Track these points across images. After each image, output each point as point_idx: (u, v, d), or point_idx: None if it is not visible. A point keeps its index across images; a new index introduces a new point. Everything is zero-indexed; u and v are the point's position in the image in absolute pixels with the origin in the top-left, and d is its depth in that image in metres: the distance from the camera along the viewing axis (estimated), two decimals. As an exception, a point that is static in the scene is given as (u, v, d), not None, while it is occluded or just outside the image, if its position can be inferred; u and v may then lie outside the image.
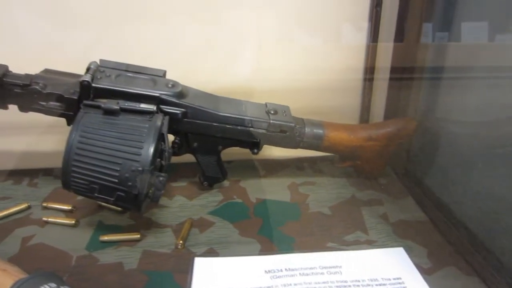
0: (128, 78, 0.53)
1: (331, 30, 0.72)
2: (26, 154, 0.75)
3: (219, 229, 0.58)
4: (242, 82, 0.74)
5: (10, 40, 0.67)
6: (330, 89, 0.74)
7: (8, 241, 0.56)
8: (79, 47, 0.68)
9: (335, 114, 0.70)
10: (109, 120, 0.46)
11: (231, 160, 0.74)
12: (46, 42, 0.67)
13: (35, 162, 0.74)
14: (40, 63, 0.60)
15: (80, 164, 0.44)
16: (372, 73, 0.70)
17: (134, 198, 0.45)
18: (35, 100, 0.51)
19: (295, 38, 0.73)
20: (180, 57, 0.69)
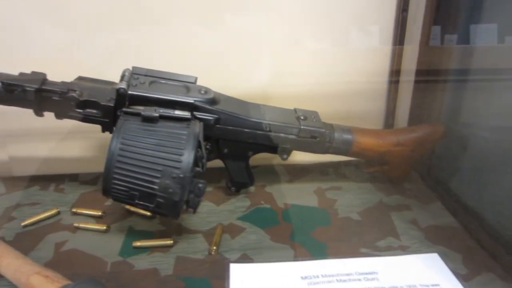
0: (162, 85, 0.53)
1: (356, 34, 0.72)
2: (51, 160, 0.75)
3: (250, 234, 0.58)
4: (263, 87, 0.74)
5: (29, 46, 0.67)
6: (353, 94, 0.75)
7: (41, 247, 0.56)
8: (97, 52, 0.69)
9: (359, 118, 0.71)
10: (148, 127, 0.46)
11: (255, 166, 0.74)
12: (62, 47, 0.67)
13: (60, 168, 0.74)
14: (57, 69, 0.61)
15: (122, 171, 0.44)
16: (397, 76, 0.70)
17: (174, 205, 0.46)
18: (72, 107, 0.51)
19: (318, 42, 0.73)
20: (197, 62, 0.68)
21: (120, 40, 0.68)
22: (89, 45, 0.68)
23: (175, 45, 0.68)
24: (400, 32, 0.67)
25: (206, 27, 0.69)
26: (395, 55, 0.70)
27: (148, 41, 0.68)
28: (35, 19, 0.66)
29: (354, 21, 0.70)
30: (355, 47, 0.72)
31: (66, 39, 0.67)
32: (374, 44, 0.70)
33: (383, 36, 0.70)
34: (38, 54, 0.66)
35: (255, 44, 0.72)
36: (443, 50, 0.68)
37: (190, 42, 0.69)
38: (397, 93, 0.72)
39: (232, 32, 0.70)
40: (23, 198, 0.67)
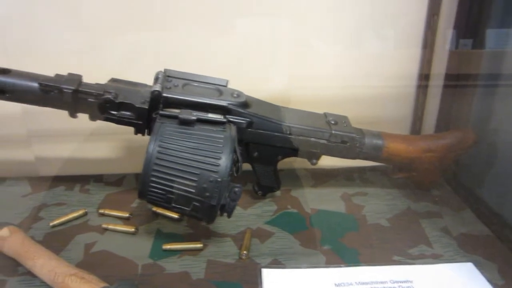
0: (195, 88, 0.53)
1: (384, 37, 0.71)
2: (76, 160, 0.75)
3: (280, 239, 0.58)
4: (286, 91, 0.73)
5: (50, 47, 0.67)
6: (379, 98, 0.74)
7: (71, 248, 0.56)
8: (116, 55, 0.69)
9: (385, 123, 0.70)
10: (185, 130, 0.46)
11: (279, 170, 0.74)
12: (82, 50, 0.67)
13: (85, 168, 0.75)
14: (78, 71, 0.60)
15: (159, 174, 0.44)
16: (426, 81, 0.69)
17: (210, 209, 0.45)
18: (107, 109, 0.51)
19: (345, 45, 0.72)
20: (217, 67, 0.66)
21: (138, 43, 0.68)
22: (109, 47, 0.68)
23: (193, 49, 0.68)
24: (431, 36, 0.67)
25: (225, 31, 0.69)
26: (424, 59, 0.69)
27: (167, 45, 0.68)
28: (57, 20, 0.66)
29: (383, 24, 0.70)
30: (382, 51, 0.71)
31: (86, 41, 0.67)
32: (403, 48, 0.70)
33: (412, 40, 0.69)
34: (59, 56, 0.67)
35: (277, 47, 0.72)
36: (472, 54, 0.67)
37: (208, 46, 0.69)
38: (426, 98, 0.71)
39: (254, 36, 0.70)
40: (49, 198, 0.67)
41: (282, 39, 0.71)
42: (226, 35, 0.69)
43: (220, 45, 0.69)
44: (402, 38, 0.70)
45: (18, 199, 0.68)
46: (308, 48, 0.72)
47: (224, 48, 0.69)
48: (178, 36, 0.68)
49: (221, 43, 0.69)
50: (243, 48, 0.70)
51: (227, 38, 0.69)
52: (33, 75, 0.50)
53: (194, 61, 0.66)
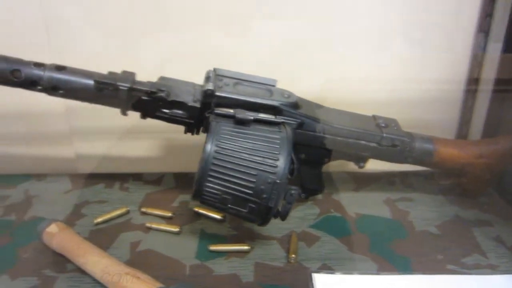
0: (246, 87, 0.52)
1: (431, 39, 0.69)
2: (116, 158, 0.75)
3: (326, 244, 0.56)
4: (329, 92, 0.72)
5: (87, 46, 0.67)
6: (424, 101, 0.72)
7: (117, 246, 0.56)
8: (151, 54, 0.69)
9: (430, 127, 0.67)
10: (241, 130, 0.45)
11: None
12: (115, 50, 0.67)
13: (124, 166, 0.75)
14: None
15: (217, 174, 0.43)
16: (476, 84, 0.67)
17: (266, 211, 0.44)
18: (159, 107, 0.51)
19: (389, 46, 0.71)
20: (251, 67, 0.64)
21: (172, 44, 0.67)
22: (143, 47, 0.68)
23: (225, 49, 0.67)
24: (483, 39, 0.65)
25: (255, 33, 0.68)
26: (474, 62, 0.67)
27: (199, 45, 0.67)
28: (95, 19, 0.66)
29: (431, 26, 0.68)
30: (429, 53, 0.69)
31: (120, 43, 0.67)
32: (452, 50, 0.68)
33: (462, 42, 0.67)
34: (96, 55, 0.67)
35: (318, 46, 0.70)
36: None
37: (239, 47, 0.68)
38: (474, 102, 0.69)
39: (289, 37, 0.68)
40: (91, 196, 0.67)
41: (323, 39, 0.70)
42: (257, 36, 0.68)
43: (250, 46, 0.68)
44: (451, 40, 0.68)
45: (60, 195, 0.68)
46: (351, 50, 0.71)
47: (254, 49, 0.68)
48: (208, 38, 0.67)
49: (252, 44, 0.68)
50: (279, 50, 0.69)
51: (258, 40, 0.68)
52: (87, 72, 0.50)
53: (227, 63, 0.66)
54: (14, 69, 0.47)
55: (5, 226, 0.60)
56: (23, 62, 0.48)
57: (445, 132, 0.73)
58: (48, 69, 0.48)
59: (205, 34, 0.67)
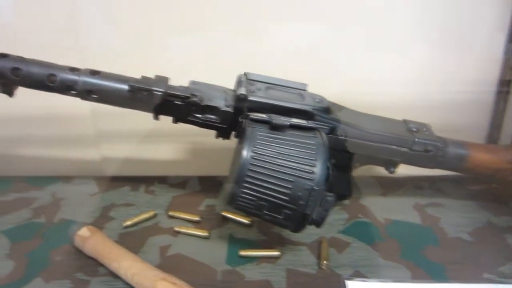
0: (278, 92, 0.52)
1: (461, 39, 0.68)
2: (141, 161, 0.76)
3: (357, 250, 0.56)
4: (354, 95, 0.71)
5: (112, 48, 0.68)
6: (453, 104, 0.71)
7: (146, 250, 0.56)
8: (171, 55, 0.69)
9: (458, 131, 0.66)
10: (277, 135, 0.45)
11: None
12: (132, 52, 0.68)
13: (149, 169, 0.75)
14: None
15: (253, 180, 0.43)
16: (508, 86, 0.65)
17: (302, 218, 0.44)
18: (192, 112, 0.50)
19: (418, 47, 0.69)
20: (275, 65, 0.63)
21: (190, 46, 0.67)
22: (167, 49, 0.68)
23: (245, 51, 0.67)
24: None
25: (276, 34, 0.67)
26: (507, 63, 0.65)
27: (217, 49, 0.67)
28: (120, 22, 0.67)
29: (462, 28, 0.67)
30: (459, 54, 0.68)
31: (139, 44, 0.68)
32: (483, 51, 0.66)
33: (493, 43, 0.66)
34: (120, 57, 0.67)
35: (346, 46, 0.69)
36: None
37: (260, 49, 0.67)
38: (506, 105, 0.67)
39: (312, 37, 0.68)
40: (117, 199, 0.68)
41: (342, 42, 0.69)
42: (276, 39, 0.68)
43: (268, 49, 0.67)
44: (482, 42, 0.67)
45: (87, 197, 0.68)
46: (381, 52, 0.70)
47: (272, 52, 0.67)
48: (228, 40, 0.67)
49: (270, 47, 0.67)
50: (297, 52, 0.68)
51: (276, 42, 0.68)
52: (120, 77, 0.50)
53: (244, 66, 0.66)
54: (50, 74, 0.48)
55: (36, 228, 0.60)
56: (58, 67, 0.49)
57: (474, 136, 0.72)
58: (83, 74, 0.49)
59: (224, 37, 0.67)
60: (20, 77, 0.47)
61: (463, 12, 0.66)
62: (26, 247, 0.56)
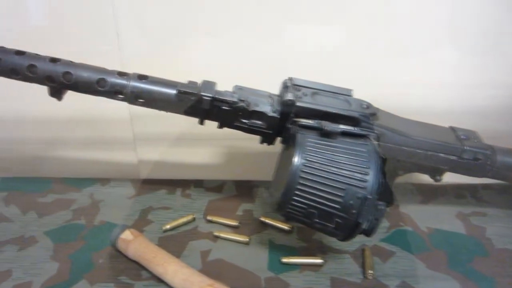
0: (324, 98, 0.51)
1: (495, 43, 0.66)
2: (177, 165, 0.76)
3: (402, 259, 0.54)
4: (382, 99, 0.69)
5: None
6: (493, 109, 0.69)
7: (187, 254, 0.56)
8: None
9: (498, 138, 0.64)
10: (328, 142, 0.44)
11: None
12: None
13: (185, 173, 0.75)
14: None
15: (304, 188, 0.42)
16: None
17: (353, 227, 0.43)
18: (239, 117, 0.50)
19: (465, 51, 0.67)
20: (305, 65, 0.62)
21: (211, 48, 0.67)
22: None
23: (271, 53, 0.66)
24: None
25: (302, 37, 0.66)
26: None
27: (240, 51, 0.67)
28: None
29: (495, 28, 0.64)
30: (494, 58, 0.66)
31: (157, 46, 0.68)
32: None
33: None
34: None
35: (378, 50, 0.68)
36: None
37: (291, 50, 0.66)
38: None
39: (342, 40, 0.66)
40: (155, 202, 0.68)
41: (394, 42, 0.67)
42: (302, 42, 0.66)
43: (294, 52, 0.66)
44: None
45: (124, 200, 0.69)
46: (422, 54, 0.68)
47: (299, 55, 0.66)
48: (250, 43, 0.66)
49: (297, 50, 0.66)
50: (323, 55, 0.67)
51: (302, 45, 0.66)
52: (168, 82, 0.50)
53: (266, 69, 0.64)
54: (100, 79, 0.48)
55: (77, 230, 0.61)
56: (107, 71, 0.49)
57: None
58: (131, 78, 0.49)
59: (247, 40, 0.66)
60: (71, 82, 0.48)
61: (497, 14, 0.64)
62: (69, 248, 0.57)
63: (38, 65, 0.47)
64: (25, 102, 0.70)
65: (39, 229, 0.61)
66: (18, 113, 0.73)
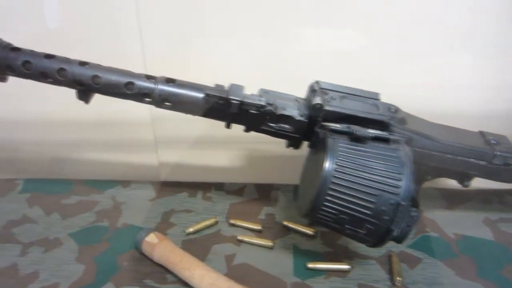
0: (352, 102, 0.50)
1: None
2: (197, 167, 0.76)
3: (430, 266, 0.53)
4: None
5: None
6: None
7: (212, 258, 0.55)
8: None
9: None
10: (358, 147, 0.44)
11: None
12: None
13: (205, 176, 0.75)
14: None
15: (335, 193, 0.42)
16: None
17: (385, 233, 0.42)
18: (266, 121, 0.50)
19: (487, 53, 0.66)
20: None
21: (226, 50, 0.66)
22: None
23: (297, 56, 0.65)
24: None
25: (318, 41, 0.65)
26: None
27: (255, 54, 0.66)
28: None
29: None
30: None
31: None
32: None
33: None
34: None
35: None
36: None
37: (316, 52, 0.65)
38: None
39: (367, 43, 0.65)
40: (176, 204, 0.68)
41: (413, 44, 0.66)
42: (318, 45, 0.65)
43: (309, 55, 0.65)
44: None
45: (146, 203, 0.69)
46: (442, 57, 0.67)
47: (314, 58, 0.65)
48: (268, 46, 0.65)
49: (312, 53, 0.65)
50: (341, 58, 0.65)
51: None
52: (195, 85, 0.50)
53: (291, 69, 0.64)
54: (128, 82, 0.48)
55: (101, 232, 0.61)
56: (135, 75, 0.49)
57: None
58: (159, 82, 0.49)
59: (261, 42, 0.65)
60: (100, 85, 0.48)
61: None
62: (94, 251, 0.57)
63: (68, 68, 0.48)
64: (48, 104, 0.71)
65: (63, 231, 0.61)
66: (40, 115, 0.74)
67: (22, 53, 0.48)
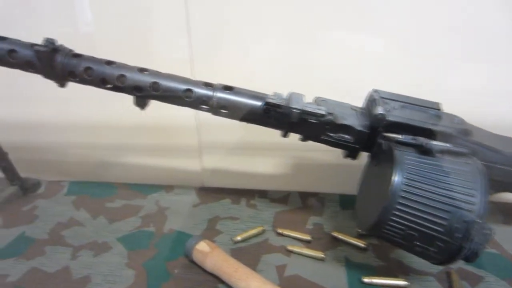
0: (413, 112, 0.49)
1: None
2: (241, 174, 0.75)
3: (493, 285, 0.51)
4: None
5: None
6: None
7: (262, 268, 0.54)
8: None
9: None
10: (428, 160, 0.42)
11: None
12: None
13: (248, 183, 0.74)
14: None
15: (405, 208, 0.40)
16: None
17: (455, 251, 0.40)
18: (326, 131, 0.49)
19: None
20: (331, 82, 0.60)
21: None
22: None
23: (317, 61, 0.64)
24: None
25: (347, 45, 0.63)
26: None
27: (278, 58, 0.65)
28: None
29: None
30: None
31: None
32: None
33: None
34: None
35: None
36: None
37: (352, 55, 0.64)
38: None
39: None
40: (220, 211, 0.67)
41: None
42: (347, 49, 0.64)
43: (334, 59, 0.64)
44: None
45: (190, 208, 0.69)
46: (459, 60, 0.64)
47: (340, 62, 0.64)
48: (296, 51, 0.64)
49: (338, 57, 0.64)
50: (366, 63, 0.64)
51: (347, 52, 0.64)
52: (253, 93, 0.49)
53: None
54: (187, 89, 0.48)
55: (148, 237, 0.61)
56: (193, 82, 0.49)
57: None
58: (217, 89, 0.48)
59: (287, 46, 0.64)
60: (158, 92, 0.48)
61: None
62: (142, 256, 0.57)
63: (128, 75, 0.48)
64: (95, 108, 0.72)
65: (111, 235, 0.62)
66: (87, 119, 0.75)
67: (83, 59, 0.48)
